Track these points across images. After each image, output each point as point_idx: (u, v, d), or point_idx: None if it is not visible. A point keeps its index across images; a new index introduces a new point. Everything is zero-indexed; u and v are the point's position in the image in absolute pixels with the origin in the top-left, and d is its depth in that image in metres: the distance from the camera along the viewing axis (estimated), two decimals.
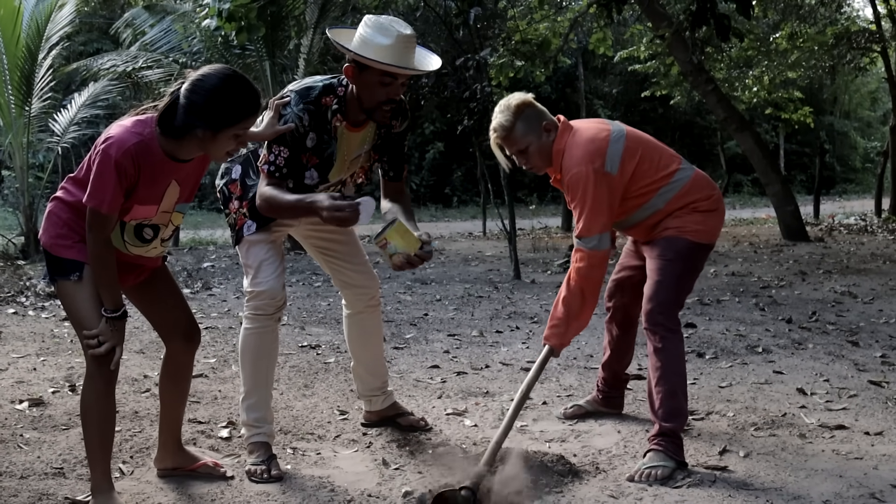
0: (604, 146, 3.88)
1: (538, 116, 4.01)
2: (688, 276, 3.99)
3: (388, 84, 3.67)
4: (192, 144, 3.27)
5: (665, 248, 3.95)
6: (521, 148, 4.02)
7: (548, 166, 4.06)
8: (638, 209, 3.97)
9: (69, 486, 3.67)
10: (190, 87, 3.22)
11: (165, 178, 3.35)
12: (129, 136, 3.21)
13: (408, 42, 3.66)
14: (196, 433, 4.35)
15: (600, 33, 16.38)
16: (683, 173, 3.98)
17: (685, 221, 3.93)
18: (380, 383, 4.42)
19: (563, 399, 4.92)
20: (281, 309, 3.96)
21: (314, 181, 3.88)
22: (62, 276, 3.33)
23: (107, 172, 3.16)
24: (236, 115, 3.22)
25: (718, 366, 5.62)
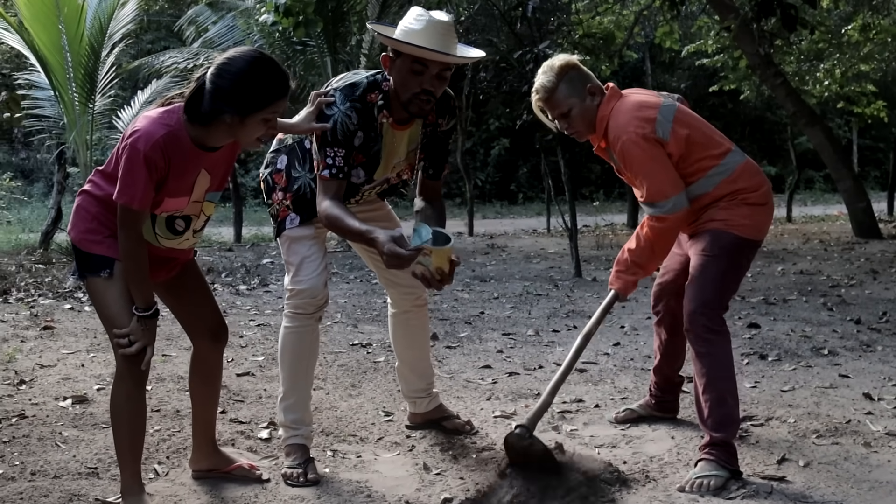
0: (653, 114, 3.70)
1: (583, 79, 3.83)
2: (732, 273, 3.79)
3: (421, 72, 3.53)
4: (221, 131, 3.17)
5: (709, 244, 3.75)
6: (564, 111, 3.83)
7: (591, 132, 3.88)
8: (688, 189, 3.77)
9: (102, 486, 3.59)
10: (216, 71, 3.12)
11: (195, 168, 3.25)
12: (157, 127, 3.12)
13: (441, 28, 3.53)
14: (235, 433, 4.26)
15: (666, 27, 16.09)
16: (734, 157, 3.79)
17: (732, 214, 3.73)
18: (425, 384, 4.29)
19: (616, 402, 4.74)
20: (322, 308, 3.85)
21: (360, 180, 3.77)
22: (92, 272, 3.25)
23: (136, 167, 3.07)
24: (264, 99, 3.11)
25: (781, 368, 5.39)
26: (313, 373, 3.97)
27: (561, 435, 4.24)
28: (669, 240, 3.81)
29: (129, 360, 3.21)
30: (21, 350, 6.04)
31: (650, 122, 3.68)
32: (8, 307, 7.96)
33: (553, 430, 4.31)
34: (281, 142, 3.94)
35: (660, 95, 3.86)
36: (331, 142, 3.60)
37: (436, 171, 3.92)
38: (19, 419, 4.47)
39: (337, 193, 3.62)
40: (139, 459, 3.35)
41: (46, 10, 11.76)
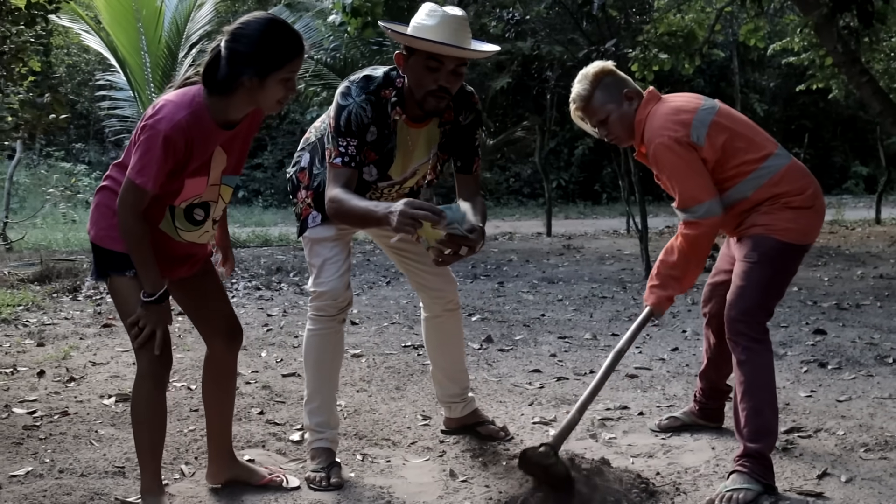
0: (688, 117, 3.57)
1: (619, 84, 3.76)
2: (776, 280, 3.63)
3: (436, 69, 3.45)
4: (241, 98, 3.13)
5: (750, 250, 3.61)
6: (601, 118, 3.76)
7: (631, 138, 3.79)
8: (725, 194, 3.64)
9: (125, 486, 3.59)
10: (230, 37, 3.10)
11: (211, 147, 3.21)
12: (179, 109, 3.07)
13: (455, 23, 3.46)
14: (268, 434, 4.24)
15: (751, 24, 15.69)
16: (777, 160, 3.62)
17: (774, 219, 3.58)
18: (459, 389, 4.21)
19: (662, 410, 4.60)
20: (344, 310, 3.80)
21: (372, 178, 3.70)
22: (116, 271, 3.22)
23: (154, 148, 3.02)
24: (282, 57, 3.08)
25: (840, 377, 5.18)
26: (338, 375, 3.93)
27: (598, 443, 4.14)
28: (703, 249, 3.67)
29: (151, 358, 3.19)
30: (77, 347, 6.12)
31: (685, 125, 3.56)
32: (75, 304, 8.10)
33: (591, 437, 4.20)
34: (306, 140, 3.90)
35: (701, 99, 3.73)
36: (344, 132, 3.55)
37: (465, 164, 3.84)
38: (61, 416, 4.52)
39: (347, 183, 3.55)
40: (159, 460, 3.33)
41: (126, 12, 11.98)
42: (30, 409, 4.63)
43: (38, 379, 5.28)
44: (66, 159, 23.06)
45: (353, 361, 5.71)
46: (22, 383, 5.17)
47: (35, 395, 4.92)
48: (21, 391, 4.99)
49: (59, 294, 8.57)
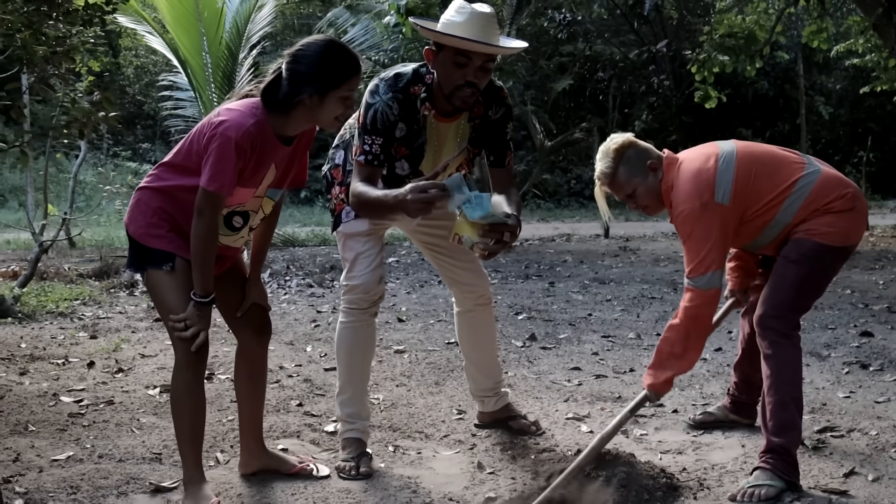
0: (712, 177, 3.58)
1: (641, 156, 3.78)
2: (813, 280, 3.62)
3: (464, 65, 3.51)
4: (301, 115, 3.30)
5: (790, 250, 3.62)
6: (629, 192, 3.80)
7: (661, 206, 3.81)
8: (765, 229, 3.65)
9: (161, 472, 3.70)
10: (291, 58, 3.28)
11: (270, 160, 3.35)
12: (246, 118, 3.23)
13: (483, 20, 3.52)
14: (304, 425, 4.33)
15: (814, 25, 15.52)
16: (807, 179, 3.61)
17: (815, 224, 3.57)
18: (492, 384, 4.26)
19: (698, 408, 4.58)
20: (376, 303, 3.87)
21: (405, 172, 3.77)
22: (154, 265, 3.33)
23: (227, 155, 3.17)
24: (340, 76, 3.24)
25: (881, 379, 5.14)
26: (369, 367, 4.00)
27: (629, 439, 4.16)
28: (702, 322, 3.63)
29: (188, 350, 3.30)
30: (128, 340, 6.27)
31: (709, 186, 3.57)
32: (131, 300, 8.29)
33: (622, 433, 4.21)
34: (341, 137, 3.99)
35: (717, 148, 3.72)
36: (370, 129, 3.63)
37: (497, 158, 3.89)
38: (106, 405, 4.65)
39: (369, 178, 3.63)
40: (200, 449, 3.42)
41: (187, 13, 12.17)
42: (77, 398, 4.77)
43: (88, 370, 5.43)
44: (132, 159, 23.48)
45: (395, 357, 5.79)
46: (72, 373, 5.33)
47: (83, 384, 5.06)
48: (70, 381, 5.14)
49: (115, 289, 8.78)
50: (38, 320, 7.14)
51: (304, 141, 3.51)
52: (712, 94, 14.94)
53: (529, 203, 23.40)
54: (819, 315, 7.22)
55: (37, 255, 8.23)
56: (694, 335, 3.62)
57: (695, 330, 3.61)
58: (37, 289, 8.26)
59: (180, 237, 3.32)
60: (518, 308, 7.77)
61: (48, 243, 8.72)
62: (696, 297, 3.58)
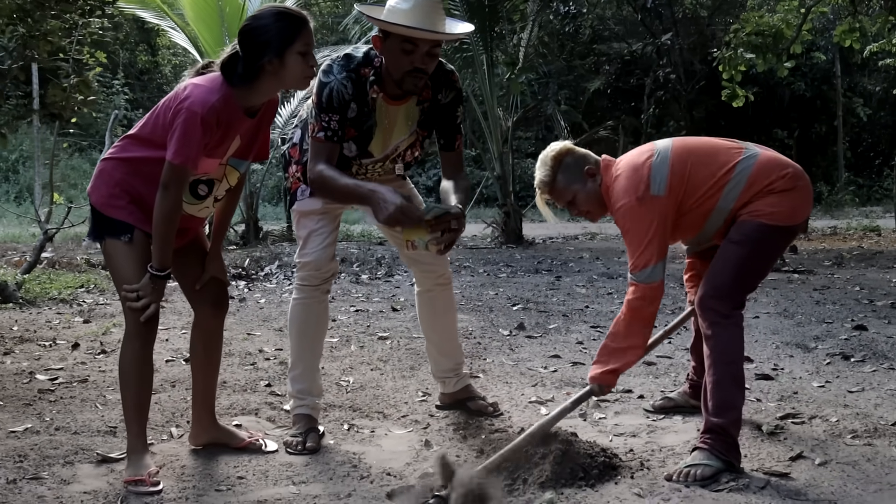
0: (647, 171, 3.58)
1: (579, 163, 3.79)
2: (755, 260, 3.58)
3: (410, 52, 3.53)
4: (266, 82, 3.36)
5: (734, 232, 3.58)
6: (569, 199, 3.82)
7: (603, 211, 3.83)
8: (708, 218, 3.62)
9: (113, 444, 3.74)
10: (242, 34, 3.34)
11: (235, 132, 3.42)
12: (212, 93, 3.28)
13: (428, 6, 3.52)
14: (264, 404, 4.36)
15: (846, 24, 15.31)
16: (746, 163, 3.57)
17: (758, 205, 3.53)
18: (452, 364, 4.26)
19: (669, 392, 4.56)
20: (328, 281, 3.90)
21: (352, 153, 3.79)
22: (113, 235, 3.39)
23: (193, 129, 3.22)
24: (292, 32, 3.30)
25: (861, 370, 5.06)
26: (321, 344, 4.02)
27: (586, 422, 4.14)
28: (644, 316, 3.63)
29: (138, 320, 3.34)
30: (120, 324, 6.32)
31: (644, 180, 3.56)
32: None
33: (580, 416, 4.19)
34: (300, 117, 4.03)
35: (654, 145, 3.73)
36: (326, 107, 3.65)
37: (447, 142, 3.91)
38: (80, 383, 4.71)
39: (330, 157, 3.66)
40: (145, 419, 3.46)
41: (209, 9, 12.29)
42: (52, 376, 4.84)
43: (72, 351, 5.50)
44: None
45: (377, 343, 5.81)
46: (55, 354, 5.41)
47: (63, 364, 5.13)
48: (51, 361, 5.22)
49: None
50: (39, 306, 7.24)
51: (267, 113, 3.56)
52: (739, 92, 14.79)
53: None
54: (819, 310, 7.15)
55: (41, 243, 8.35)
56: (636, 329, 3.63)
57: (637, 323, 3.62)
58: (42, 276, 8.38)
59: (140, 210, 3.37)
60: (516, 300, 7.76)
61: (53, 231, 8.83)
62: (637, 290, 3.58)
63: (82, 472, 3.45)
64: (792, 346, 5.75)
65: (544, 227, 18.47)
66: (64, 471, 3.44)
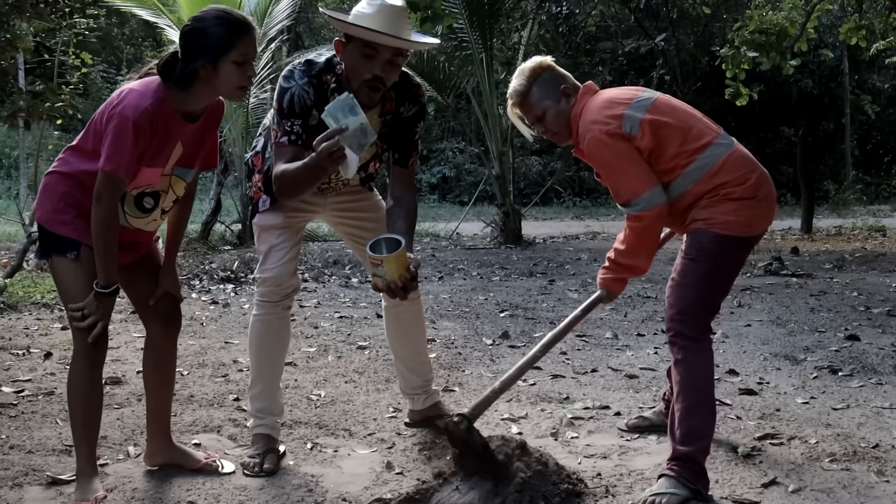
0: (621, 110, 3.41)
1: (556, 80, 3.61)
2: (717, 276, 3.44)
3: (371, 57, 3.41)
4: (200, 88, 3.23)
5: (689, 246, 3.45)
6: (538, 114, 3.62)
7: (569, 135, 3.63)
8: (665, 190, 3.48)
9: (67, 464, 3.63)
10: (181, 34, 3.23)
11: (175, 138, 3.29)
12: (144, 97, 3.16)
13: (393, 13, 3.41)
14: (227, 420, 4.25)
15: (852, 22, 15.14)
16: (717, 150, 3.42)
17: (714, 212, 3.39)
18: (421, 381, 4.14)
19: (644, 412, 4.43)
20: (289, 297, 3.77)
21: None
22: (58, 252, 3.27)
23: (124, 135, 3.09)
24: (229, 40, 3.16)
25: (848, 385, 4.92)
26: (282, 361, 3.90)
27: (557, 441, 4.02)
28: (652, 238, 3.52)
29: (86, 340, 3.23)
30: None
31: (617, 118, 3.40)
32: None
33: (551, 436, 4.08)
34: (263, 125, 3.92)
35: (639, 90, 3.59)
36: (287, 113, 3.54)
37: (402, 157, 3.78)
38: (45, 396, 4.61)
39: (293, 159, 3.51)
40: (94, 441, 3.37)
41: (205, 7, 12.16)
42: (18, 388, 4.73)
43: (44, 360, 5.40)
44: None
45: (355, 353, 5.70)
46: (25, 364, 5.31)
47: (32, 374, 5.03)
48: (20, 371, 5.12)
49: None
50: (20, 311, 7.15)
51: (211, 118, 3.45)
52: (743, 91, 14.64)
53: (566, 201, 23.24)
54: (813, 318, 7.00)
55: (25, 246, 8.25)
56: (644, 249, 3.56)
57: (644, 245, 3.54)
58: (26, 279, 8.29)
59: (87, 224, 3.25)
60: (505, 305, 7.64)
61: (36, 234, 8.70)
62: (640, 219, 3.44)
63: (30, 495, 3.35)
64: (780, 357, 5.62)
65: (546, 225, 18.36)
66: (11, 493, 3.34)
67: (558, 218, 20.64)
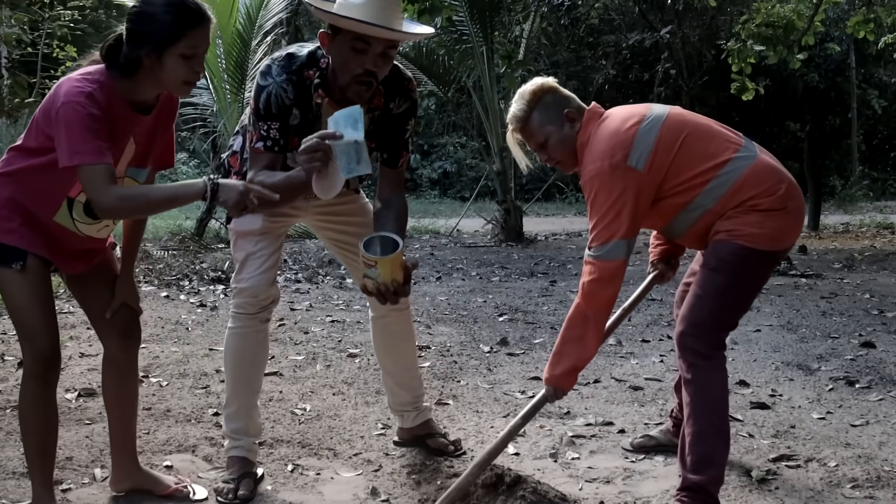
0: (629, 137, 3.13)
1: (559, 103, 3.34)
2: (735, 290, 3.17)
3: (363, 51, 3.09)
4: (145, 78, 2.93)
5: (709, 256, 3.18)
6: (540, 141, 3.36)
7: (575, 163, 3.37)
8: (681, 211, 3.19)
9: (25, 489, 3.34)
10: (128, 17, 2.93)
11: (127, 133, 2.99)
12: (85, 83, 2.86)
13: (385, 1, 3.07)
14: (203, 439, 3.97)
15: (860, 15, 14.83)
16: (738, 164, 3.14)
17: (739, 223, 3.12)
18: (410, 398, 3.87)
19: (650, 429, 4.15)
20: (266, 308, 3.49)
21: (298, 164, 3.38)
22: (3, 263, 2.97)
23: (76, 122, 2.78)
24: (177, 30, 2.85)
25: (866, 398, 4.64)
26: (260, 378, 3.62)
27: (556, 463, 3.74)
28: (604, 302, 3.21)
29: (37, 358, 2.98)
30: (77, 337, 5.96)
31: (624, 146, 3.12)
32: None
33: (551, 457, 3.80)
34: (241, 123, 3.61)
35: (647, 109, 3.30)
36: (264, 115, 3.23)
37: (391, 157, 3.49)
38: (13, 410, 4.32)
39: (270, 167, 3.24)
40: (50, 467, 3.12)
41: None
42: None
43: (17, 369, 5.12)
44: None
45: (345, 361, 5.41)
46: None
47: (3, 385, 4.76)
48: None
49: None
50: (2, 314, 6.87)
51: (165, 113, 3.14)
52: (749, 85, 14.33)
53: (568, 196, 22.95)
54: (825, 322, 6.72)
55: None
56: (592, 318, 3.21)
57: (593, 312, 3.21)
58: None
59: (34, 231, 2.98)
60: (504, 308, 7.35)
61: None
62: (594, 270, 3.14)
63: None
64: (793, 366, 5.33)
65: (548, 221, 18.06)
66: None
67: (560, 214, 20.32)
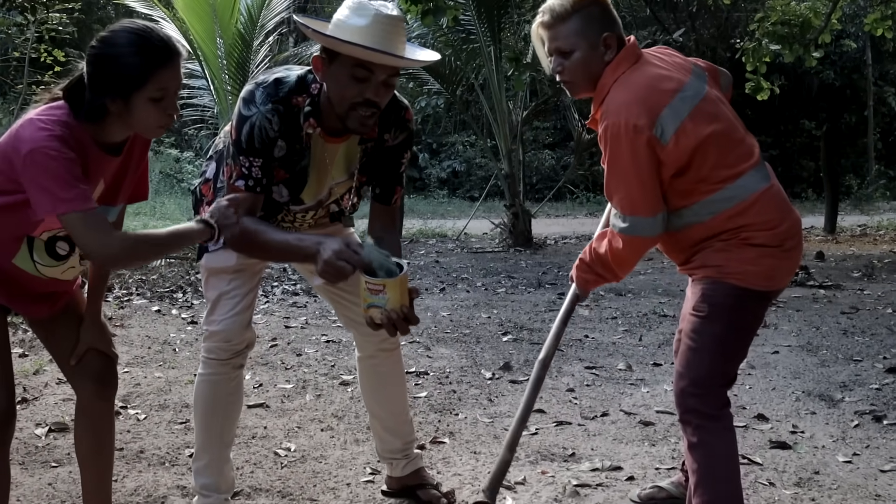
0: (662, 100, 2.77)
1: (604, 21, 2.91)
2: (731, 337, 2.87)
3: (364, 80, 2.75)
4: (114, 123, 2.65)
5: (700, 300, 2.86)
6: (564, 48, 2.91)
7: (588, 89, 2.96)
8: (677, 212, 2.87)
9: None
10: (87, 59, 2.63)
11: (98, 174, 2.71)
12: (51, 125, 2.55)
13: (390, 24, 2.73)
14: (175, 487, 3.64)
15: (877, 12, 14.45)
16: (750, 182, 2.82)
17: (730, 258, 2.80)
18: (400, 444, 3.55)
19: (662, 473, 3.84)
20: (241, 354, 3.18)
21: (283, 199, 3.05)
22: None
23: (54, 168, 2.49)
24: (142, 72, 2.56)
25: (894, 437, 4.31)
26: (232, 430, 3.31)
27: None
28: (626, 263, 2.98)
29: None
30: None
31: (653, 111, 2.75)
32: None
33: None
34: (215, 147, 3.29)
35: (688, 74, 2.91)
36: (246, 149, 2.89)
37: (384, 193, 3.16)
38: None
39: (251, 210, 2.92)
40: None
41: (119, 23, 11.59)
42: None
43: None
44: (175, 145, 23.08)
45: (337, 391, 5.10)
46: None
47: None
48: None
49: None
50: None
51: (137, 149, 2.86)
52: (764, 85, 13.96)
53: (579, 196, 22.64)
54: (847, 343, 6.38)
55: None
56: (619, 268, 3.02)
57: (617, 266, 3.01)
58: None
59: None
60: (509, 326, 7.03)
61: None
62: (619, 240, 2.89)
63: None
64: (814, 397, 4.99)
65: (558, 223, 17.75)
66: None
67: (571, 215, 20.01)
